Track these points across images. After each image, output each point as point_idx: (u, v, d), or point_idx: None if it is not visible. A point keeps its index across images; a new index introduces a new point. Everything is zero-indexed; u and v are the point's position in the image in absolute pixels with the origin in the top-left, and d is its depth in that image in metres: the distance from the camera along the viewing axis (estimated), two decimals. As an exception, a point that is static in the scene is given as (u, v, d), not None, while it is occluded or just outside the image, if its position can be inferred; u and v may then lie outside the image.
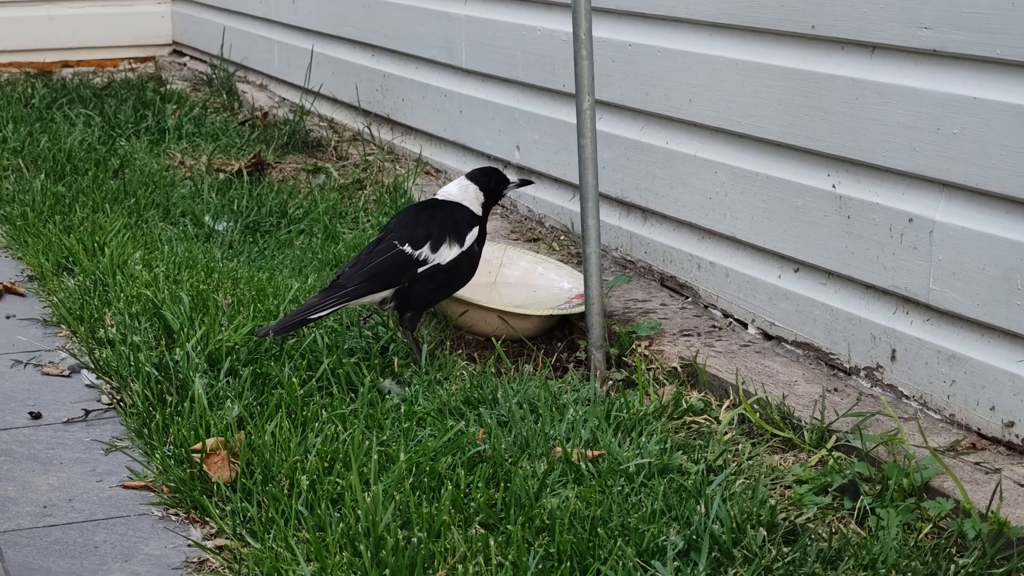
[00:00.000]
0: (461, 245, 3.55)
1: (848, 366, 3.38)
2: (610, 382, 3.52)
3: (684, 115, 3.89)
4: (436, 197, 3.70)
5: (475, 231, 3.59)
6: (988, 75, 2.96)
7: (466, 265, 3.59)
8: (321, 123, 6.35)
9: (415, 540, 2.55)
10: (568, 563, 2.51)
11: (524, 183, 3.83)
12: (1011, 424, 2.95)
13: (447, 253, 3.52)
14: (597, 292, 3.55)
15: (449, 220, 3.57)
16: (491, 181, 3.69)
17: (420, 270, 3.49)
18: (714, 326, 3.73)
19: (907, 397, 3.21)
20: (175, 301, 3.77)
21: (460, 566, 2.50)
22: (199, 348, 3.48)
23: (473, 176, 3.69)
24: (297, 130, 6.14)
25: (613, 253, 4.28)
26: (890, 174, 3.22)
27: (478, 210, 3.63)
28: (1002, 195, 2.93)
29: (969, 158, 2.99)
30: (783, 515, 2.71)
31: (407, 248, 3.49)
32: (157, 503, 2.93)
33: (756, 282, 3.67)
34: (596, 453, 2.96)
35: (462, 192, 3.65)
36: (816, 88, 3.39)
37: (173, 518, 2.87)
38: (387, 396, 3.32)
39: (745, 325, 3.72)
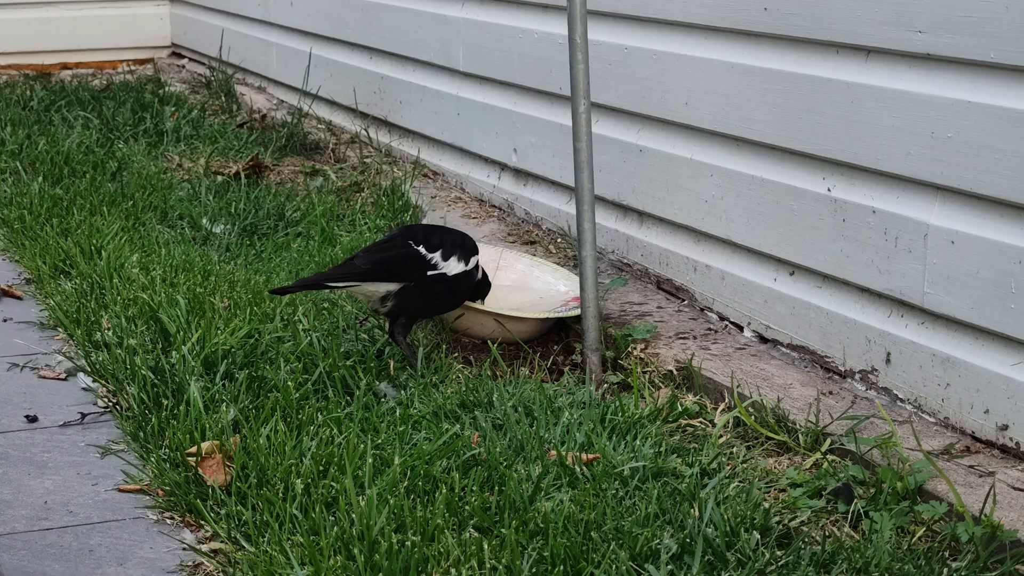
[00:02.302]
0: (466, 264, 3.60)
1: (843, 369, 3.38)
2: (606, 385, 3.52)
3: (680, 118, 3.89)
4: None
5: (476, 259, 3.67)
6: (982, 79, 2.96)
7: (464, 285, 3.63)
8: (319, 125, 6.35)
9: (409, 544, 2.56)
10: (562, 567, 2.51)
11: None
12: (1005, 427, 2.95)
13: (455, 266, 3.57)
14: (593, 295, 3.56)
15: (459, 240, 3.66)
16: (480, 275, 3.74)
17: (429, 273, 3.52)
18: (710, 329, 3.74)
19: (902, 400, 3.22)
20: (172, 304, 3.77)
21: (454, 570, 2.51)
22: (195, 351, 3.48)
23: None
24: (295, 132, 6.15)
25: (610, 256, 4.28)
26: (885, 178, 3.23)
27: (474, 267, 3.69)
28: (996, 199, 2.93)
29: (963, 162, 2.99)
30: (777, 518, 2.72)
31: (421, 249, 3.54)
32: (152, 506, 2.93)
33: (752, 285, 3.67)
34: (591, 456, 2.96)
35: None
36: (811, 91, 3.40)
37: (168, 521, 2.88)
38: (383, 399, 3.33)
39: (741, 328, 3.73)
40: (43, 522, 2.87)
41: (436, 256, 3.55)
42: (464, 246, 3.64)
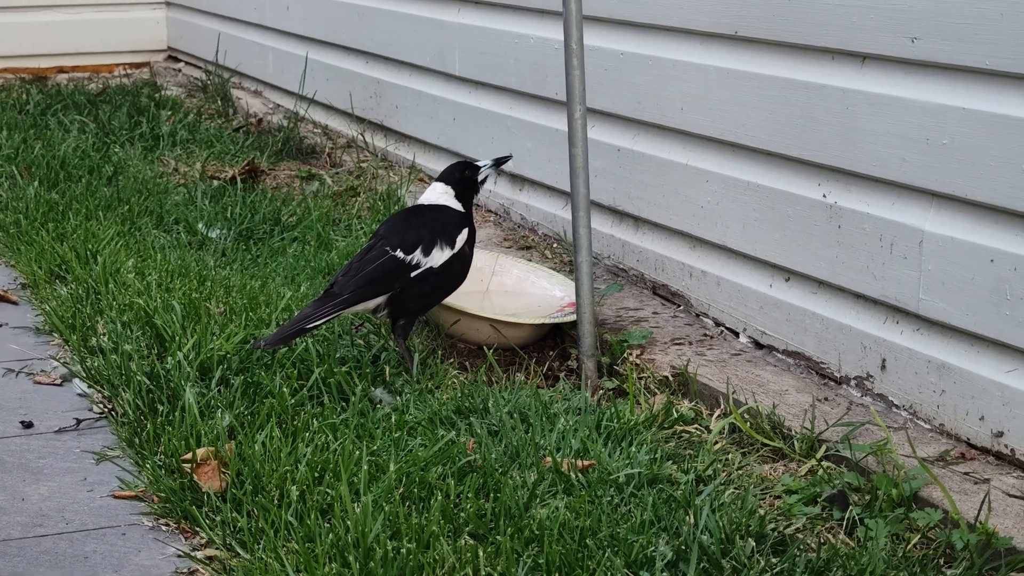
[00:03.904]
0: (452, 247, 3.55)
1: (838, 375, 3.38)
2: (601, 391, 3.52)
3: (676, 124, 3.90)
4: (420, 203, 3.70)
5: (465, 232, 3.59)
6: (978, 85, 2.96)
7: (458, 267, 3.59)
8: (315, 130, 6.35)
9: (404, 551, 2.56)
10: (557, 574, 2.51)
11: (500, 162, 3.77)
12: (1000, 434, 2.95)
13: (439, 256, 3.53)
14: (588, 301, 3.56)
15: (439, 223, 3.57)
16: (457, 174, 3.68)
17: (413, 274, 3.49)
18: (705, 335, 3.74)
19: (897, 406, 3.22)
20: (167, 310, 3.77)
21: (449, 577, 2.51)
22: (191, 357, 3.48)
23: (442, 177, 3.69)
24: (291, 137, 6.15)
25: (605, 261, 4.28)
26: (880, 184, 3.23)
27: (462, 207, 3.64)
28: (991, 205, 2.94)
29: (959, 168, 3.00)
30: (772, 525, 2.72)
31: (399, 253, 3.49)
32: (147, 513, 2.93)
33: (747, 291, 3.67)
34: (586, 463, 2.96)
35: (440, 195, 3.65)
36: (807, 98, 3.40)
37: (163, 528, 2.87)
38: (378, 405, 3.33)
39: (736, 334, 3.73)
40: (38, 528, 2.87)
41: (416, 255, 3.50)
42: (445, 229, 3.55)
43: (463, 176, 3.67)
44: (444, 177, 3.68)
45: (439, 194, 3.65)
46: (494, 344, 3.73)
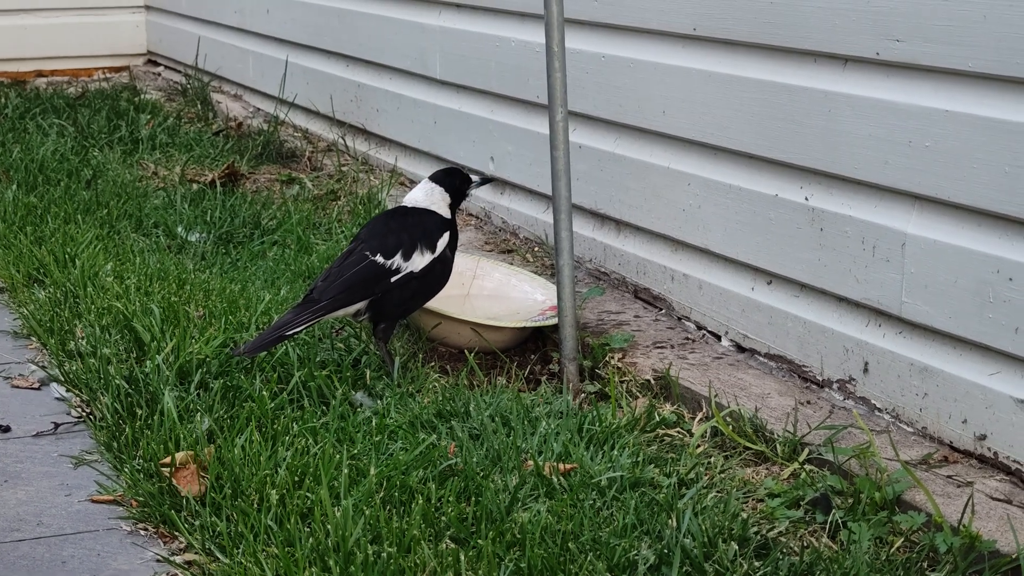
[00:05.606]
0: (433, 251, 3.53)
1: (821, 379, 3.38)
2: (583, 395, 3.51)
3: (658, 127, 3.89)
4: (403, 204, 3.69)
5: (446, 236, 3.58)
6: (960, 88, 2.96)
7: (439, 271, 3.57)
8: (296, 133, 6.33)
9: (385, 555, 2.54)
10: (539, 578, 2.50)
11: (486, 181, 3.86)
12: (983, 437, 2.95)
13: (419, 261, 3.51)
14: (570, 304, 3.54)
15: (419, 227, 3.55)
16: (455, 181, 3.69)
17: (393, 279, 3.47)
18: (687, 338, 3.73)
19: (880, 410, 3.21)
20: (146, 313, 3.75)
21: (430, 581, 2.49)
22: (170, 361, 3.46)
23: (437, 179, 3.68)
24: (271, 140, 6.12)
25: (587, 265, 4.27)
26: (863, 187, 3.22)
27: (446, 213, 3.63)
28: (974, 208, 2.93)
29: (941, 171, 2.99)
30: (755, 529, 2.71)
31: (379, 258, 3.47)
32: (126, 517, 2.90)
33: (729, 294, 3.66)
34: (568, 466, 2.95)
35: (428, 196, 3.64)
36: (789, 100, 3.39)
37: (142, 533, 2.85)
38: (359, 409, 3.31)
39: (718, 337, 3.72)
40: (15, 533, 2.85)
41: (396, 260, 3.48)
42: (426, 234, 3.53)
43: (456, 187, 3.68)
44: (439, 180, 3.67)
45: (426, 195, 3.64)
46: (475, 348, 3.71)
